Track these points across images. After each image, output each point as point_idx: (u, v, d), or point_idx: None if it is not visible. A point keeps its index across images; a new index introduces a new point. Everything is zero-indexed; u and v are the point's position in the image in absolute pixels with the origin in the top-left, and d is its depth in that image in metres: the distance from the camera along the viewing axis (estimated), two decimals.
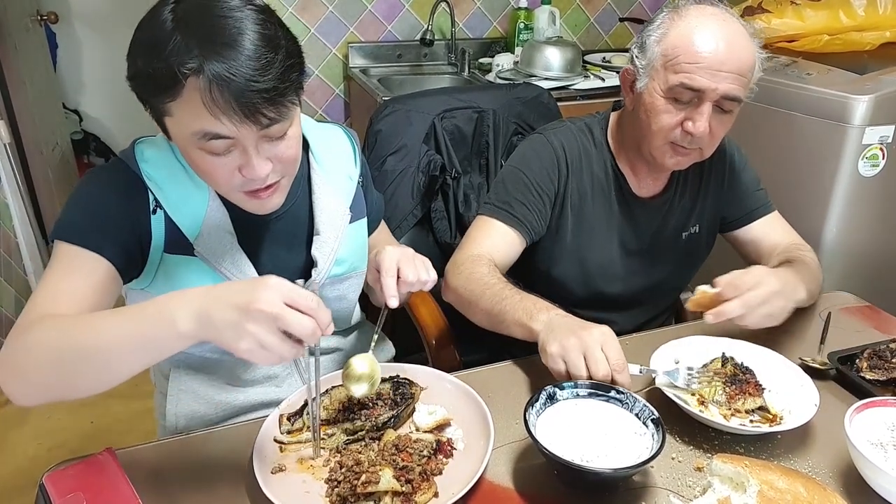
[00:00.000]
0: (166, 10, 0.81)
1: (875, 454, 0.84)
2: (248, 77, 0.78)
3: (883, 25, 2.07)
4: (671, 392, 0.96)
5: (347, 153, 1.16)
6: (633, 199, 1.30)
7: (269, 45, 0.81)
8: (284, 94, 0.83)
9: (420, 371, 1.03)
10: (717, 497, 0.79)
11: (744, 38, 1.12)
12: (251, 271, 1.01)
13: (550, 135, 1.29)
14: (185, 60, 0.78)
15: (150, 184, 0.95)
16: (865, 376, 1.04)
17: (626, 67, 1.23)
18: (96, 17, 3.85)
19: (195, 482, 0.86)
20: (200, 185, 0.98)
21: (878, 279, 2.03)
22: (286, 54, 0.83)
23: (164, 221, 0.96)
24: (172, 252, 0.97)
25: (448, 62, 2.84)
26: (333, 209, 1.09)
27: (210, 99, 0.78)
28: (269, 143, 0.86)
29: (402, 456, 0.84)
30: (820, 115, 1.90)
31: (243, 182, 0.88)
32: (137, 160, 0.96)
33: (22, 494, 1.94)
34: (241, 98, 0.79)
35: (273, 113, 0.82)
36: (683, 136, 1.14)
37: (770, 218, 1.35)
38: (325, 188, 1.09)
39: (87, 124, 3.99)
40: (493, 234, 1.23)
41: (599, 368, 0.92)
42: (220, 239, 0.98)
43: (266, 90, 0.80)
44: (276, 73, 0.80)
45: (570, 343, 0.94)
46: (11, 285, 2.63)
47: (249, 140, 0.84)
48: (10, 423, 2.23)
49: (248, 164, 0.85)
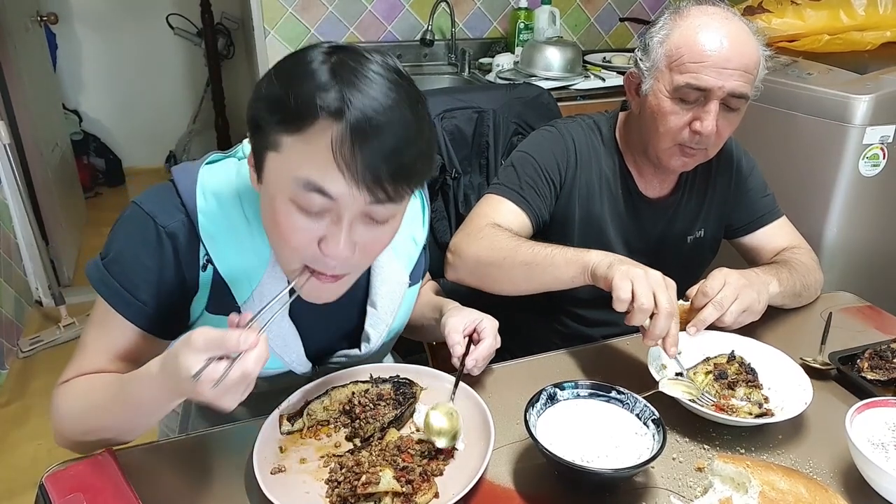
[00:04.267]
0: (319, 51, 0.74)
1: (876, 454, 0.84)
2: (391, 143, 0.71)
3: (883, 25, 2.07)
4: (676, 393, 0.95)
5: (417, 214, 1.06)
6: (640, 199, 1.29)
7: (418, 122, 0.74)
8: (412, 178, 0.74)
9: (420, 371, 1.03)
10: (718, 497, 0.79)
11: (747, 35, 1.12)
12: (297, 346, 0.95)
13: (562, 127, 1.30)
14: (330, 96, 0.70)
15: (203, 236, 0.86)
16: (866, 376, 1.03)
17: (629, 71, 1.22)
18: (96, 18, 3.85)
19: (195, 482, 0.86)
20: (261, 245, 0.87)
21: (879, 279, 2.03)
22: (429, 141, 0.77)
23: (213, 278, 0.88)
24: (216, 313, 0.90)
25: (448, 62, 2.84)
26: (394, 279, 1.01)
27: (338, 147, 0.69)
28: (365, 225, 0.77)
29: (402, 456, 0.84)
30: (820, 114, 1.89)
31: (315, 258, 0.77)
32: (198, 208, 0.85)
33: (22, 494, 1.94)
34: (371, 160, 0.70)
35: (393, 191, 0.73)
36: (691, 136, 1.14)
37: (777, 224, 1.34)
38: (388, 254, 0.98)
39: (86, 125, 4.00)
40: (504, 210, 1.21)
41: (666, 304, 0.92)
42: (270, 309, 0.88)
43: (401, 164, 0.72)
44: (417, 151, 0.73)
45: (636, 273, 0.95)
46: (11, 285, 2.63)
47: (351, 212, 0.74)
48: (10, 423, 2.23)
49: (333, 238, 0.75)
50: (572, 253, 1.05)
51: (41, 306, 2.86)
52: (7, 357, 2.50)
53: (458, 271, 1.15)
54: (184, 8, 3.91)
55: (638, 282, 0.93)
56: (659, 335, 0.94)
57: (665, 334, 0.94)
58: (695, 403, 0.94)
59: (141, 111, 4.07)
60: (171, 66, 4.08)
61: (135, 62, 3.97)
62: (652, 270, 0.97)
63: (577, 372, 1.09)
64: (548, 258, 1.06)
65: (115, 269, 0.86)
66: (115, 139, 4.10)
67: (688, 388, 0.96)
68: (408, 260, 1.04)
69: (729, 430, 0.95)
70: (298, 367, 0.99)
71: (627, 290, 0.93)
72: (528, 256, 1.08)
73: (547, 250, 1.07)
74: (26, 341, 2.59)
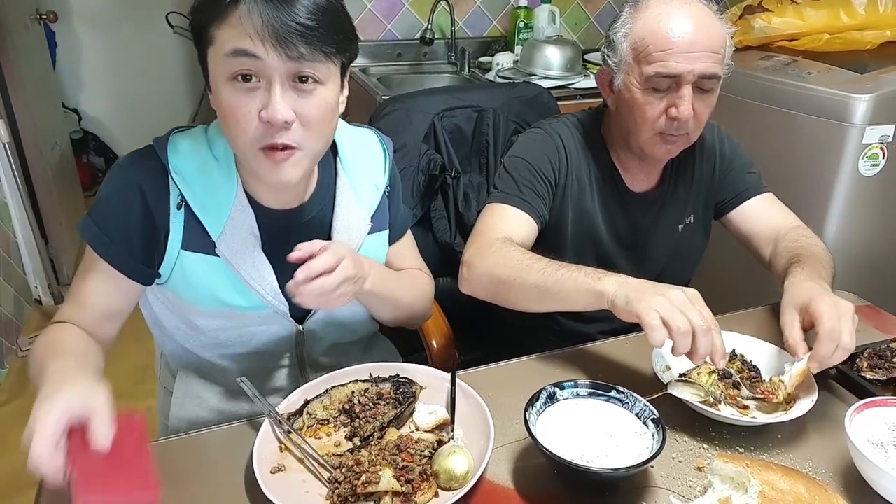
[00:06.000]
0: None
1: (875, 454, 0.84)
2: (297, 8, 0.82)
3: (883, 24, 2.07)
4: (685, 395, 0.95)
5: (378, 161, 1.13)
6: (627, 195, 1.30)
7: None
8: (324, 40, 0.85)
9: (420, 371, 1.03)
10: (717, 497, 0.79)
11: (709, 16, 1.12)
12: (271, 278, 1.00)
13: (548, 127, 1.30)
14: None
15: (176, 177, 0.95)
16: (866, 376, 1.03)
17: (600, 69, 1.24)
18: (96, 17, 3.84)
19: (195, 482, 0.86)
20: (230, 180, 0.97)
21: (879, 279, 2.03)
22: (336, 15, 0.87)
23: (185, 217, 0.96)
24: (191, 249, 0.97)
25: (448, 61, 2.84)
26: (354, 219, 1.08)
27: (248, 18, 0.81)
28: (295, 91, 0.87)
29: (402, 456, 0.84)
30: (820, 114, 1.89)
31: (263, 132, 0.87)
32: (169, 151, 0.96)
33: (22, 494, 1.94)
34: (280, 21, 0.81)
35: (305, 49, 0.83)
36: (669, 123, 1.14)
37: (763, 198, 1.33)
38: (348, 195, 1.08)
39: (86, 123, 3.99)
40: (509, 218, 1.20)
41: (700, 322, 0.88)
42: (244, 240, 0.98)
43: (305, 26, 0.83)
44: (320, 18, 0.84)
45: (659, 302, 0.90)
46: (11, 284, 2.63)
47: (279, 73, 0.84)
48: (10, 423, 2.23)
49: (270, 102, 0.85)
50: (583, 279, 1.01)
51: (41, 305, 2.86)
52: (6, 356, 2.50)
53: (471, 285, 1.15)
54: (183, 6, 3.90)
55: (664, 310, 0.89)
56: (704, 354, 0.90)
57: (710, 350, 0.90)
58: (703, 405, 0.94)
59: (141, 110, 4.06)
60: (170, 64, 4.07)
61: (134, 60, 3.97)
62: (671, 290, 0.92)
63: (577, 372, 1.09)
64: (558, 283, 1.03)
65: (96, 216, 0.96)
66: (114, 138, 4.09)
67: (696, 389, 0.96)
68: (369, 204, 1.10)
69: (728, 430, 0.95)
70: (274, 301, 1.02)
71: (658, 321, 0.89)
72: (538, 279, 1.05)
73: (557, 274, 1.04)
74: (26, 340, 2.59)
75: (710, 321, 0.90)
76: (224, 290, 1.00)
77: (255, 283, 1.00)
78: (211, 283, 0.99)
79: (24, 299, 2.78)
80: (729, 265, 1.76)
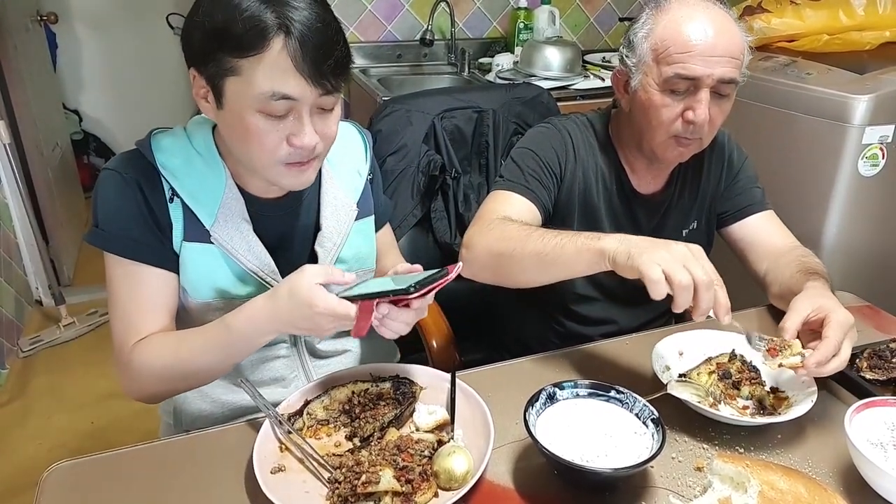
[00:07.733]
0: None
1: (875, 454, 0.84)
2: (327, 45, 0.86)
3: (883, 25, 2.07)
4: (684, 395, 0.95)
5: (358, 149, 1.18)
6: (633, 196, 1.30)
7: (335, 22, 0.89)
8: (343, 69, 0.90)
9: (420, 371, 1.03)
10: (717, 497, 0.79)
11: (730, 21, 1.13)
12: (268, 259, 1.03)
13: (557, 123, 1.30)
14: (271, 18, 0.83)
15: (164, 173, 0.97)
16: (865, 376, 1.04)
17: (616, 69, 1.23)
18: (96, 17, 3.85)
19: (195, 482, 0.86)
20: (217, 171, 1.00)
21: (878, 279, 2.03)
22: (344, 40, 0.91)
23: (182, 209, 0.99)
24: (191, 240, 0.99)
25: (448, 62, 2.84)
26: (340, 203, 1.11)
27: (294, 57, 0.84)
28: (319, 115, 0.92)
29: (402, 456, 0.84)
30: (820, 114, 1.90)
31: (289, 153, 0.91)
32: (153, 150, 0.98)
33: (22, 494, 1.94)
34: (319, 62, 0.85)
35: (334, 81, 0.88)
36: (685, 126, 1.14)
37: (765, 216, 1.34)
38: (333, 182, 1.11)
39: (86, 124, 3.99)
40: (513, 203, 1.20)
41: (703, 276, 0.87)
42: (236, 226, 1.00)
43: (337, 59, 0.87)
44: (340, 48, 0.88)
45: (661, 256, 0.89)
46: (11, 285, 2.63)
47: (307, 106, 0.89)
48: (10, 423, 2.23)
49: (300, 132, 0.89)
50: (583, 240, 1.00)
51: (41, 306, 2.86)
52: (7, 356, 2.50)
53: (472, 266, 1.13)
54: (184, 7, 3.86)
55: (666, 264, 0.89)
56: (707, 309, 0.90)
57: (712, 305, 0.90)
58: (702, 405, 0.94)
59: (141, 111, 4.06)
60: (171, 65, 4.07)
61: (135, 62, 3.97)
62: (674, 245, 0.92)
63: (577, 372, 1.09)
64: (557, 248, 1.02)
65: (109, 225, 0.97)
66: (115, 139, 4.09)
67: (696, 389, 0.96)
68: (354, 190, 1.15)
69: (728, 430, 0.95)
70: (273, 282, 1.04)
71: (659, 275, 0.89)
72: (538, 246, 1.04)
73: (556, 239, 1.03)
74: (26, 341, 2.59)
75: (713, 276, 0.90)
76: (223, 279, 1.02)
77: (252, 265, 1.02)
78: (210, 271, 1.00)
79: (25, 300, 2.78)
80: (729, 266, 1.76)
